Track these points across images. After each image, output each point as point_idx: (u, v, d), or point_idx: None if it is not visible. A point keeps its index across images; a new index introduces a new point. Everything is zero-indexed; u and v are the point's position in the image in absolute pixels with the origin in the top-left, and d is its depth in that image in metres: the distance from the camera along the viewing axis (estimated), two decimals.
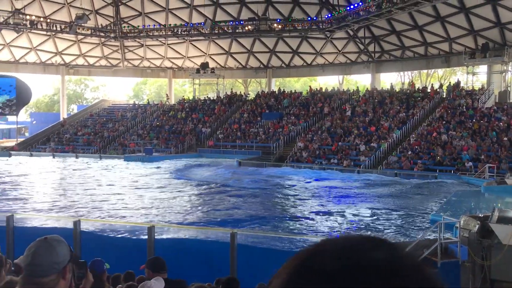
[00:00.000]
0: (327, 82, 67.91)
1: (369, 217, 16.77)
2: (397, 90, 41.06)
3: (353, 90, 44.26)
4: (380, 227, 15.18)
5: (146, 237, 9.47)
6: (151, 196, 20.68)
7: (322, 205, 18.96)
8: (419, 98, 37.11)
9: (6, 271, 5.20)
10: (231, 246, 8.80)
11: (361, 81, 67.41)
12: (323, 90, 44.96)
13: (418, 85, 49.31)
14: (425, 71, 55.49)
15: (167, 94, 53.95)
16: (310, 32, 42.42)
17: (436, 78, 61.58)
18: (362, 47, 43.05)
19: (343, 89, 45.45)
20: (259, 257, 9.07)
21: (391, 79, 61.82)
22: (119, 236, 11.37)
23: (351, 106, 38.51)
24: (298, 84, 70.02)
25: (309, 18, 41.12)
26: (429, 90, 38.86)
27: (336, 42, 44.66)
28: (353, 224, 15.61)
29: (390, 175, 27.28)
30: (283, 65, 48.93)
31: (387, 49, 42.37)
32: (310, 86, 49.48)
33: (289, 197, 21.21)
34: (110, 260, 5.62)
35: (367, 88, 44.24)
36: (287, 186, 24.50)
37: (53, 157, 38.69)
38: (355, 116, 36.74)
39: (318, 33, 42.33)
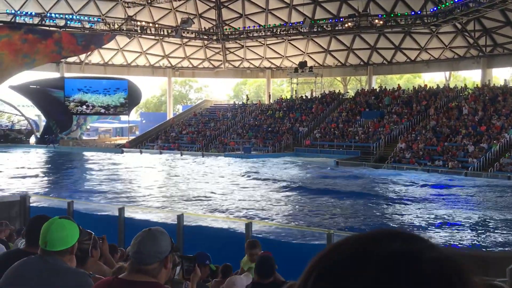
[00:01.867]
0: (433, 78, 64.50)
1: (480, 226, 15.62)
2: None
3: (461, 87, 41.61)
4: (489, 237, 14.09)
5: (243, 231, 9.67)
6: (248, 193, 21.15)
7: (424, 210, 18.00)
8: None
9: (117, 259, 5.64)
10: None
11: (470, 77, 63.06)
12: (428, 87, 42.80)
13: None
14: None
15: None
16: (414, 27, 40.56)
17: None
18: (471, 41, 40.23)
19: (449, 86, 42.87)
20: None
21: (505, 75, 57.06)
22: (218, 230, 11.76)
23: (460, 104, 36.19)
24: (401, 81, 67.29)
25: (412, 13, 39.36)
26: None
27: (442, 37, 42.22)
28: (460, 233, 14.63)
29: (502, 179, 25.19)
30: (384, 61, 47.35)
31: (501, 42, 39.11)
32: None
33: (389, 199, 20.45)
34: (210, 253, 5.84)
35: (476, 85, 41.28)
36: (387, 188, 23.67)
37: (160, 154, 41.18)
38: (463, 115, 34.46)
39: (423, 28, 40.35)
